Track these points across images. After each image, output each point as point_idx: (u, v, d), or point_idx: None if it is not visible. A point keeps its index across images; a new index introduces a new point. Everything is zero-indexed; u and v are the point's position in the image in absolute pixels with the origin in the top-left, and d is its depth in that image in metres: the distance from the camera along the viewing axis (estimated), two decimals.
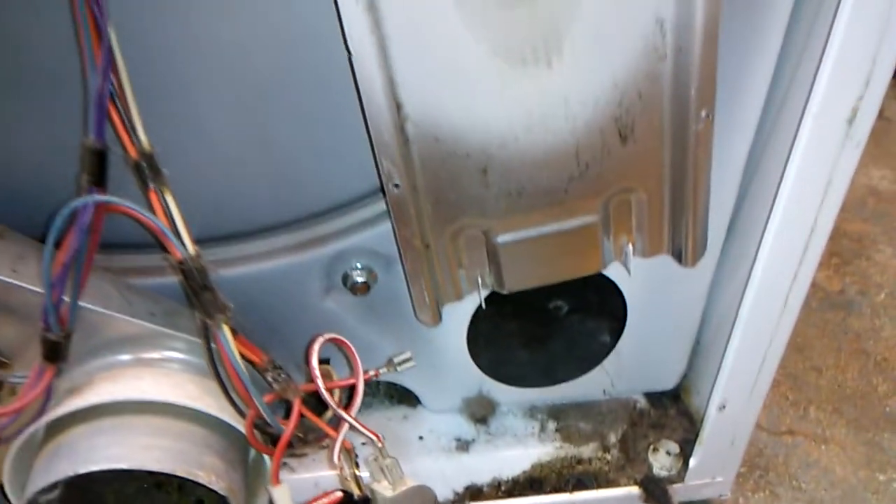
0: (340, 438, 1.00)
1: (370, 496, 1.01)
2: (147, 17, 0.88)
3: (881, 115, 2.93)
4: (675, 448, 1.43)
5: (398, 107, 0.90)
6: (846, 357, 1.91)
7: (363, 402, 1.03)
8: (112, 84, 0.80)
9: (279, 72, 0.98)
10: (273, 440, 1.00)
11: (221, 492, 0.98)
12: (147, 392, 0.95)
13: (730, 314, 1.24)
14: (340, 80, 0.94)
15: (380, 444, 1.01)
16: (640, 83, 0.93)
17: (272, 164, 1.08)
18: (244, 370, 0.92)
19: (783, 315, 1.20)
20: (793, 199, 1.03)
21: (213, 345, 0.92)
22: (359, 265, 1.19)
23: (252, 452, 1.10)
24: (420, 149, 0.94)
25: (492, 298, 1.17)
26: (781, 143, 1.02)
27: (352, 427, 1.00)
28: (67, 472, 0.90)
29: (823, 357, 1.90)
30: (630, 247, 1.12)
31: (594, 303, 1.31)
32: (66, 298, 0.88)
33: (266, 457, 1.03)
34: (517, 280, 1.11)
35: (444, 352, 1.33)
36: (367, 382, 1.04)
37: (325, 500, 1.01)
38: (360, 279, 1.20)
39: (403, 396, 1.49)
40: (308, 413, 1.00)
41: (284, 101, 1.02)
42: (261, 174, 1.10)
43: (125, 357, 1.01)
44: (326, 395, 0.96)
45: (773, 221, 1.07)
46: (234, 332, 0.92)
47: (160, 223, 0.84)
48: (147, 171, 0.84)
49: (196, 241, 0.91)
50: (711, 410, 1.34)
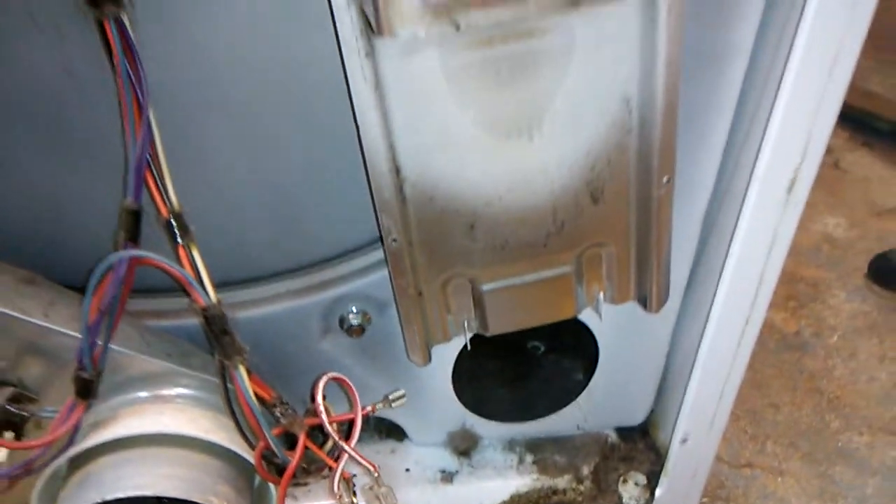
0: (340, 469, 1.10)
1: None
2: (168, 87, 0.99)
3: (836, 166, 3.14)
4: (643, 479, 1.53)
5: (398, 170, 1.02)
6: (801, 395, 2.04)
7: None
8: (148, 153, 0.91)
9: (289, 136, 1.10)
10: (279, 470, 1.10)
11: None
12: (168, 426, 1.04)
13: (691, 354, 1.36)
14: (343, 145, 1.07)
15: (376, 474, 1.12)
16: (610, 152, 1.06)
17: (279, 217, 1.20)
18: (257, 407, 1.02)
19: (737, 355, 1.33)
20: (743, 253, 1.17)
21: (230, 384, 1.02)
22: (355, 309, 1.30)
23: (257, 480, 1.19)
24: (416, 207, 1.06)
25: (475, 340, 1.28)
26: (733, 204, 1.16)
27: (350, 458, 1.10)
28: (96, 499, 0.99)
29: (780, 394, 2.03)
30: (601, 294, 1.23)
31: (569, 344, 1.43)
32: (99, 341, 0.98)
33: (271, 485, 1.13)
34: (500, 324, 1.22)
35: (431, 389, 1.43)
36: (365, 417, 1.15)
37: None
38: (356, 322, 1.30)
39: (391, 431, 1.58)
40: (312, 445, 1.09)
41: (291, 162, 1.14)
42: (268, 226, 1.21)
43: (144, 394, 1.11)
44: (330, 429, 1.06)
45: (727, 272, 1.20)
46: (249, 372, 1.02)
47: (187, 274, 0.95)
48: (177, 229, 0.95)
49: None
50: (675, 444, 1.45)
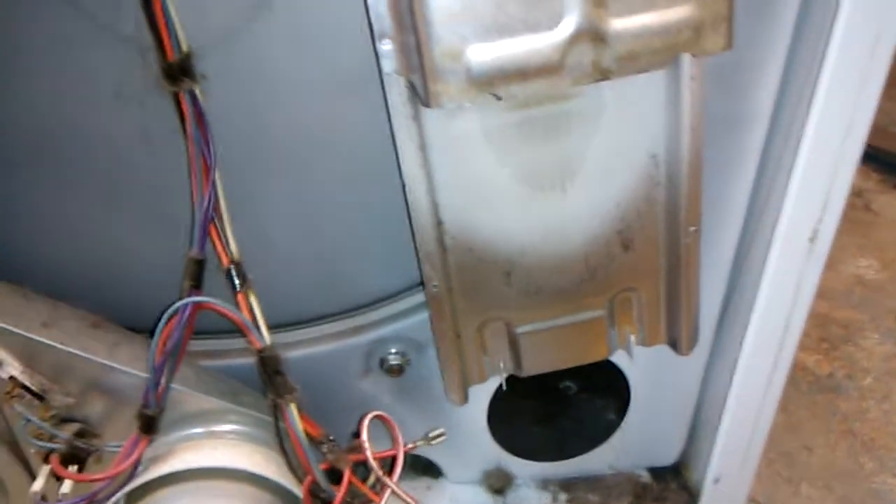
0: (383, 503, 1.15)
1: None
2: (232, 150, 1.08)
3: (868, 208, 3.15)
4: None
5: (440, 223, 1.09)
6: (835, 437, 2.05)
7: None
8: (213, 209, 1.00)
9: (338, 193, 1.19)
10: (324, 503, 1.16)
11: None
12: (223, 460, 1.11)
13: (721, 395, 1.40)
14: (385, 200, 1.15)
15: None
16: (639, 204, 1.13)
17: (325, 265, 1.28)
18: (307, 443, 1.08)
19: (767, 396, 1.36)
20: (769, 299, 1.22)
21: (281, 422, 1.09)
22: (394, 350, 1.37)
23: None
24: (456, 256, 1.13)
25: (510, 380, 1.33)
26: (758, 253, 1.21)
27: (393, 492, 1.15)
28: None
29: (814, 437, 2.04)
30: (632, 337, 1.29)
31: (601, 385, 1.47)
32: (163, 380, 1.06)
33: None
34: (534, 365, 1.28)
35: (467, 428, 1.49)
36: (406, 454, 1.20)
37: None
38: (396, 363, 1.37)
39: (427, 468, 1.62)
40: (356, 481, 1.15)
41: (338, 216, 1.23)
42: (315, 273, 1.29)
43: (199, 430, 1.18)
44: (374, 465, 1.12)
45: (754, 317, 1.25)
46: (300, 410, 1.09)
47: (245, 319, 1.02)
48: (236, 277, 1.03)
49: None
50: (707, 484, 1.48)
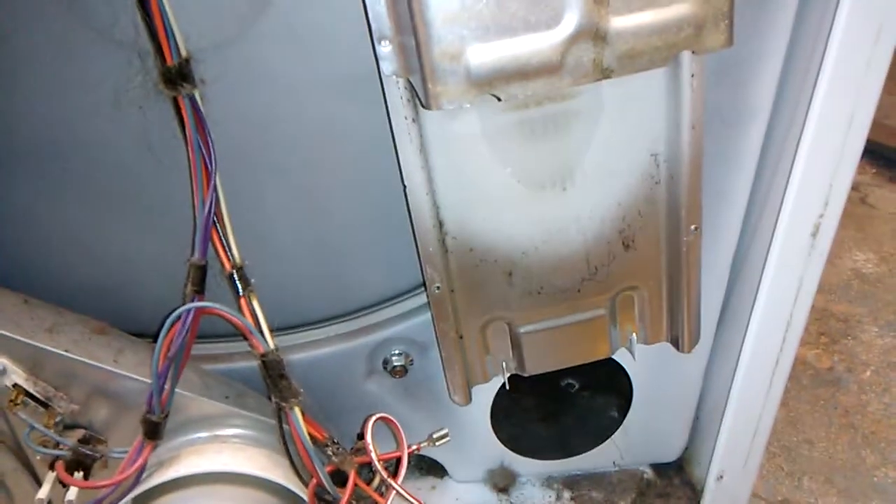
0: None
1: None
2: (232, 155, 1.08)
3: (864, 202, 3.16)
4: None
5: (441, 224, 1.10)
6: (836, 430, 2.05)
7: None
8: (214, 214, 1.00)
9: (339, 196, 1.19)
10: None
11: None
12: (227, 464, 1.11)
13: (724, 393, 1.40)
14: (387, 203, 1.15)
15: None
16: (640, 204, 1.13)
17: (327, 268, 1.28)
18: (312, 446, 1.09)
19: (770, 393, 1.37)
20: (770, 296, 1.22)
21: (286, 425, 1.09)
22: (397, 351, 1.37)
23: None
24: (457, 258, 1.13)
25: (513, 379, 1.33)
26: (759, 249, 1.21)
27: (398, 494, 1.16)
28: None
29: (815, 430, 2.05)
30: (634, 335, 1.29)
31: (604, 383, 1.48)
32: (167, 386, 1.06)
33: None
34: (536, 364, 1.28)
35: (471, 428, 1.49)
36: (410, 455, 1.20)
37: None
38: (399, 364, 1.38)
39: (432, 468, 1.63)
40: (361, 483, 1.15)
41: (340, 219, 1.23)
42: (318, 276, 1.29)
43: (204, 434, 1.18)
44: (379, 466, 1.12)
45: (756, 314, 1.25)
46: (304, 413, 1.09)
47: (248, 323, 1.03)
48: (238, 282, 1.03)
49: None
50: (711, 480, 1.49)
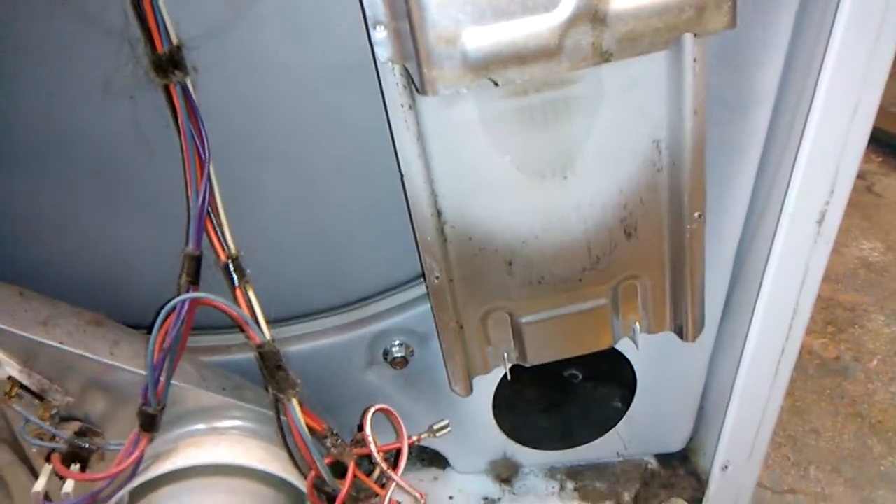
0: (388, 496, 1.15)
1: None
2: (226, 144, 1.06)
3: (870, 190, 3.14)
4: None
5: (439, 213, 1.08)
6: (843, 420, 2.04)
7: None
8: (208, 204, 0.98)
9: (336, 185, 1.17)
10: (329, 498, 1.15)
11: None
12: (225, 457, 1.10)
13: (728, 382, 1.39)
14: (387, 189, 1.13)
15: (422, 501, 1.16)
16: (642, 191, 1.11)
17: (326, 258, 1.27)
18: (310, 438, 1.07)
19: (775, 383, 1.35)
20: (776, 284, 1.20)
21: (283, 416, 1.08)
22: (398, 342, 1.36)
23: None
24: (456, 247, 1.12)
25: (515, 370, 1.32)
26: (764, 237, 1.19)
27: (398, 486, 1.15)
28: None
29: (822, 420, 2.03)
30: (637, 325, 1.27)
31: (607, 373, 1.46)
32: (162, 377, 1.05)
33: None
34: (538, 354, 1.27)
35: (472, 418, 1.48)
36: (410, 447, 1.19)
37: None
38: (399, 354, 1.36)
39: (434, 459, 1.62)
40: (360, 474, 1.14)
41: (338, 209, 1.21)
42: (316, 266, 1.28)
43: (202, 426, 1.17)
44: (378, 458, 1.11)
45: (761, 303, 1.23)
46: (301, 405, 1.08)
47: (244, 314, 1.01)
48: (234, 272, 1.02)
49: None
50: (715, 470, 1.47)
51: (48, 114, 1.04)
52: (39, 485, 1.07)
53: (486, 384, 1.42)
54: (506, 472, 1.59)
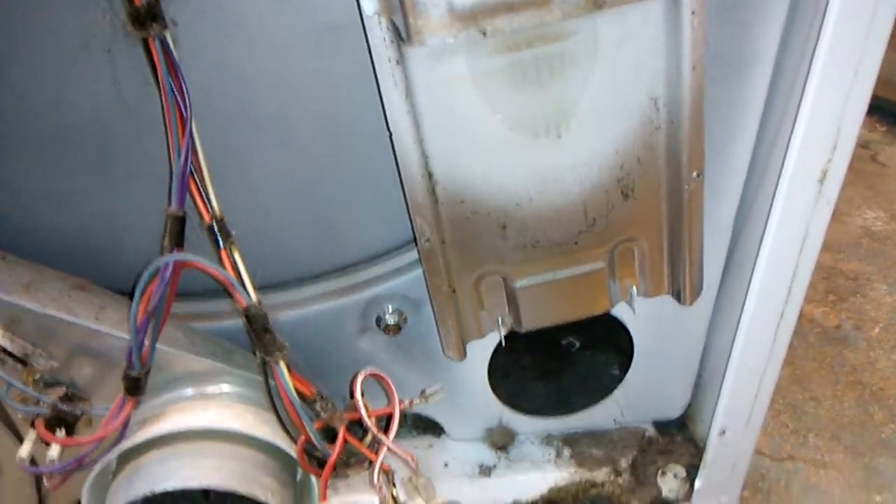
0: (380, 461, 1.13)
1: None
2: (209, 102, 1.04)
3: (874, 160, 3.09)
4: (682, 472, 1.54)
5: (430, 175, 1.05)
6: (843, 388, 2.02)
7: None
8: (191, 163, 0.95)
9: (323, 145, 1.14)
10: (320, 463, 1.13)
11: None
12: (214, 421, 1.09)
13: (727, 348, 1.37)
14: (375, 152, 1.10)
15: (413, 465, 1.14)
16: (639, 150, 1.08)
17: (315, 222, 1.24)
18: (298, 401, 1.06)
19: (774, 348, 1.33)
20: (775, 247, 1.17)
21: (272, 380, 1.06)
22: (390, 308, 1.34)
23: (300, 473, 1.23)
24: (448, 209, 1.09)
25: (510, 336, 1.30)
26: (764, 198, 1.16)
27: (389, 450, 1.13)
28: (145, 491, 1.04)
29: (822, 388, 2.01)
30: (634, 289, 1.25)
31: (603, 339, 1.45)
32: (146, 341, 1.03)
33: (313, 478, 1.17)
34: (533, 320, 1.25)
35: (467, 385, 1.46)
36: (402, 411, 1.18)
37: None
38: (392, 321, 1.34)
39: (429, 427, 1.61)
40: (351, 439, 1.13)
41: (326, 170, 1.18)
42: (305, 230, 1.25)
43: (190, 391, 1.15)
44: (369, 423, 1.10)
45: (759, 266, 1.20)
46: (289, 368, 1.06)
47: (229, 276, 0.99)
48: (219, 234, 0.99)
49: None
50: (713, 436, 1.46)
51: (25, 76, 1.01)
52: (24, 450, 1.05)
53: (482, 351, 1.40)
54: (502, 440, 1.57)
